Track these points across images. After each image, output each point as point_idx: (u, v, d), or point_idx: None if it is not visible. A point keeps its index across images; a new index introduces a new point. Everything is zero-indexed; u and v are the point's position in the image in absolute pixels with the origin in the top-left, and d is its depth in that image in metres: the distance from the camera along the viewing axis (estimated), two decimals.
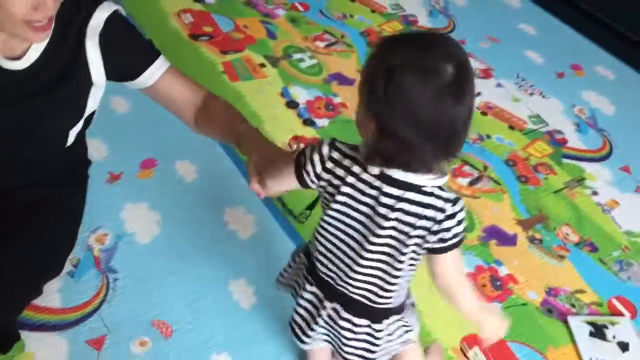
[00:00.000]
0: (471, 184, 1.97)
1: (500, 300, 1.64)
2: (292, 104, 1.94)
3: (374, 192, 0.85)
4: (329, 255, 0.96)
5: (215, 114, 1.09)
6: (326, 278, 0.99)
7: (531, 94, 2.36)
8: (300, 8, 2.38)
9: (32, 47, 1.09)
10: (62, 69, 1.10)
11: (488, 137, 2.14)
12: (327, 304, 1.00)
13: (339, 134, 1.97)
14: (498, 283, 1.69)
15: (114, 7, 1.10)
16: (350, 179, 0.86)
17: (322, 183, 0.89)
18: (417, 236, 0.85)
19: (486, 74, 2.44)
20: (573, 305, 1.65)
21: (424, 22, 2.43)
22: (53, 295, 1.32)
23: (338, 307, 0.99)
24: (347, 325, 0.99)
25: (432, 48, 0.79)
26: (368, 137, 0.82)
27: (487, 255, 1.74)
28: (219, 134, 1.14)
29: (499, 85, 2.39)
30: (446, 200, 0.83)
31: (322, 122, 1.91)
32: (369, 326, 0.99)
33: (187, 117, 1.13)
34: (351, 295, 0.97)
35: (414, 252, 0.87)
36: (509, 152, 2.06)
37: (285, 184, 0.95)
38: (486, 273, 1.73)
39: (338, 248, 0.94)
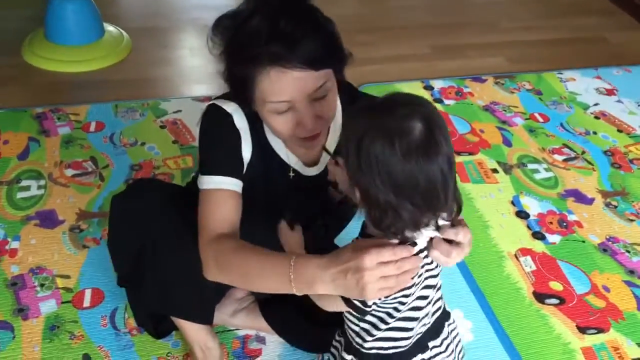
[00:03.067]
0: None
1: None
2: (522, 214, 1.89)
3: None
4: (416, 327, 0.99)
5: None
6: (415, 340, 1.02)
7: None
8: (540, 119, 2.35)
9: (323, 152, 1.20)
10: None
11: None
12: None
13: (571, 254, 1.87)
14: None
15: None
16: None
17: None
18: None
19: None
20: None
21: None
22: None
23: (436, 342, 1.04)
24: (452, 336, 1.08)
25: (396, 109, 0.79)
26: (360, 206, 0.86)
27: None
28: None
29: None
30: None
31: (553, 238, 1.82)
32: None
33: None
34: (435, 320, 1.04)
35: None
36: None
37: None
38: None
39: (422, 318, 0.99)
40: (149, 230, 1.20)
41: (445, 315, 1.05)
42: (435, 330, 1.02)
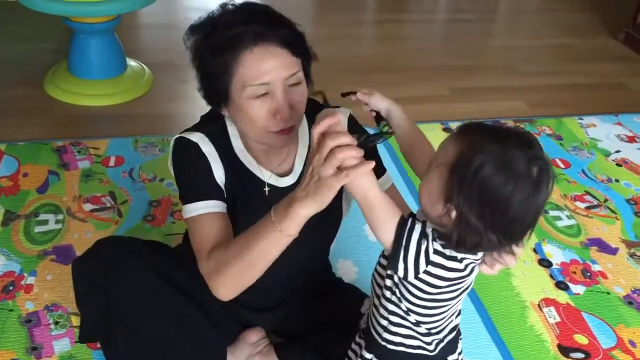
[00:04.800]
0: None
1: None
2: (544, 263, 1.85)
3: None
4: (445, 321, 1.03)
5: None
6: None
7: None
8: (561, 165, 2.33)
9: (296, 159, 1.20)
10: None
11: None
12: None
13: (596, 306, 1.81)
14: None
15: (349, 110, 1.23)
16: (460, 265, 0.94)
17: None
18: None
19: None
20: None
21: None
22: None
23: (454, 356, 1.09)
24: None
25: (522, 151, 0.82)
26: (443, 221, 0.88)
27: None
28: None
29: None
30: None
31: (577, 289, 1.79)
32: None
33: None
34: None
35: None
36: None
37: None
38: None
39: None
40: (115, 294, 1.19)
41: (458, 332, 1.10)
42: (453, 345, 1.06)
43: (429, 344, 1.01)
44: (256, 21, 1.03)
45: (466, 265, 0.92)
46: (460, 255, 0.90)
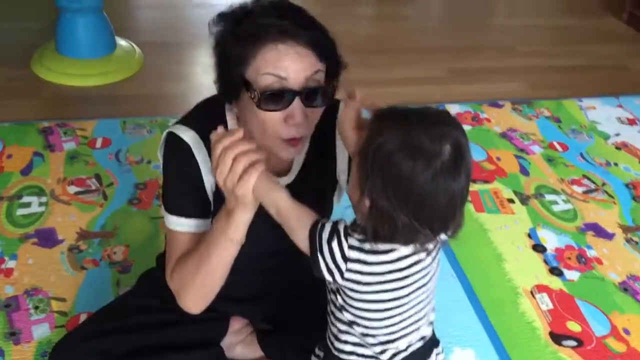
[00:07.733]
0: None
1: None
2: (539, 248, 1.82)
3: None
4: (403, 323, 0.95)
5: None
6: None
7: None
8: (559, 148, 2.28)
9: (295, 158, 1.14)
10: (318, 174, 1.10)
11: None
12: None
13: (590, 293, 1.76)
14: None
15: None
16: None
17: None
18: None
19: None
20: None
21: None
22: None
23: None
24: None
25: (429, 128, 0.77)
26: (363, 212, 0.83)
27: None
28: None
29: None
30: None
31: (571, 275, 1.75)
32: None
33: None
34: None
35: None
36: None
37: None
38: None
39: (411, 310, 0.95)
40: None
41: (433, 343, 1.02)
42: (421, 356, 0.99)
43: (382, 353, 0.95)
44: (287, 19, 0.97)
45: (399, 258, 0.86)
46: (385, 247, 0.85)
